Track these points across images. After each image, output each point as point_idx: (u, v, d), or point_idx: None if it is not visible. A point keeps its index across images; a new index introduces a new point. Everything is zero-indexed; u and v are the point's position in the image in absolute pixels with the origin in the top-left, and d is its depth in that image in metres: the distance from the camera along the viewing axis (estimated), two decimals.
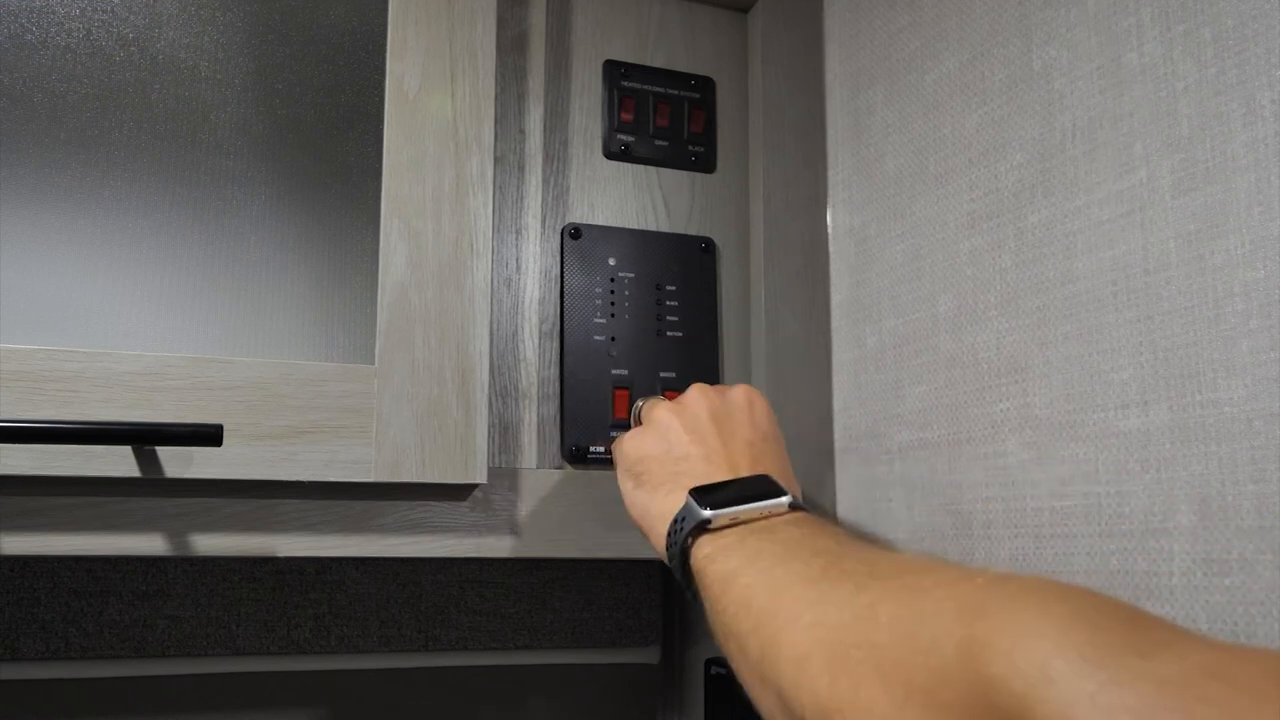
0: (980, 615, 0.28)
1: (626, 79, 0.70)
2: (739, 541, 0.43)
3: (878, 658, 0.31)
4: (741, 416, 0.53)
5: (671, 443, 0.51)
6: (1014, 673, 0.25)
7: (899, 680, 0.30)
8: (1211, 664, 0.23)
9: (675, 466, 0.50)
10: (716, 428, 0.51)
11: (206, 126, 0.57)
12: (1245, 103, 0.43)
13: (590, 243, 0.67)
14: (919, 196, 0.62)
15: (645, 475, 0.51)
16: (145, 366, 0.52)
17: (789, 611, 0.37)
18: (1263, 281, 0.41)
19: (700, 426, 0.52)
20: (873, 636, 0.32)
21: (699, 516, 0.45)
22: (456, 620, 0.82)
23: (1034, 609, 0.27)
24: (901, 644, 0.31)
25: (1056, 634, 0.25)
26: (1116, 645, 0.25)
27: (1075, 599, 0.27)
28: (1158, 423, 0.45)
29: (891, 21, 0.66)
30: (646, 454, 0.52)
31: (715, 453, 0.50)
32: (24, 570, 0.73)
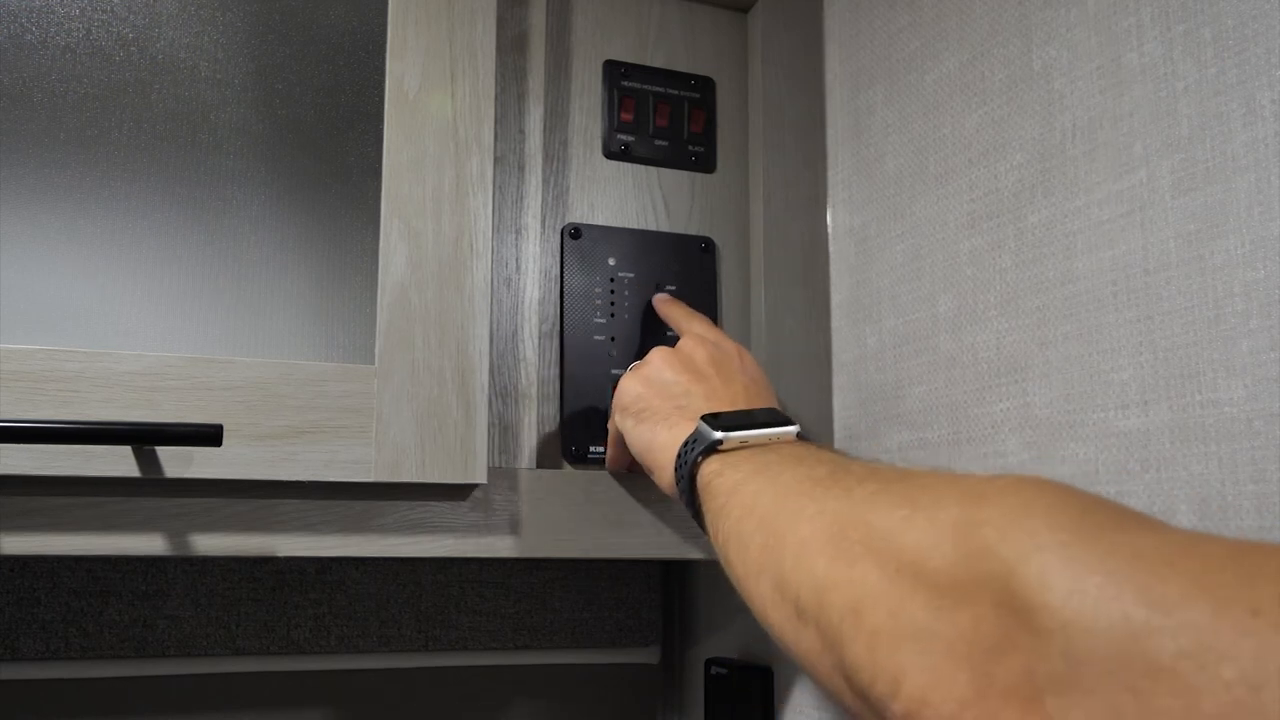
0: (979, 498, 0.30)
1: (626, 79, 0.70)
2: (748, 458, 0.45)
3: (874, 538, 0.32)
4: (733, 364, 0.55)
5: (670, 381, 0.53)
6: (1005, 543, 0.27)
7: (892, 556, 0.31)
8: (1183, 541, 0.25)
9: (677, 401, 0.52)
10: (715, 369, 0.54)
11: (206, 126, 0.57)
12: (1245, 103, 0.43)
13: (590, 243, 0.67)
14: (919, 196, 0.62)
15: (646, 411, 0.53)
16: (145, 366, 0.52)
17: (794, 505, 0.38)
18: (1263, 281, 0.41)
19: (698, 367, 0.54)
20: (871, 519, 0.33)
21: (710, 438, 0.46)
22: (456, 620, 0.82)
23: (1029, 492, 0.29)
24: (899, 525, 0.32)
25: (1047, 512, 0.27)
26: (1100, 524, 0.26)
27: (1066, 489, 0.29)
28: (1158, 423, 0.45)
29: (891, 21, 0.66)
30: (644, 393, 0.53)
31: (716, 390, 0.52)
32: (24, 570, 0.73)
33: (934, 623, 0.28)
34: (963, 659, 0.27)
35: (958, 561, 0.28)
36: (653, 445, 0.51)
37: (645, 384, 0.54)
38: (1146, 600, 0.23)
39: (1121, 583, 0.24)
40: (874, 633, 0.30)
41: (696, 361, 0.54)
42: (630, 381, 0.55)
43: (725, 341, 0.58)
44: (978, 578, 0.27)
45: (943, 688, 0.27)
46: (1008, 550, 0.27)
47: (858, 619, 0.31)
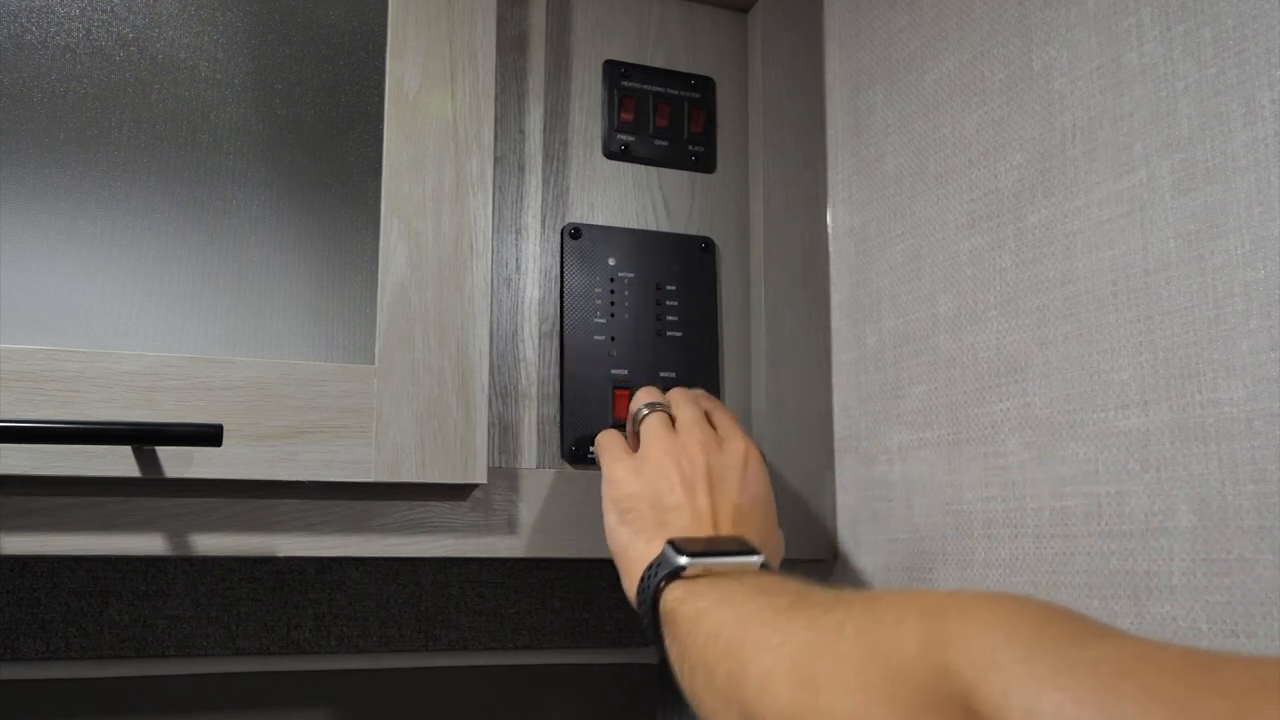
0: (940, 615, 0.30)
1: (626, 79, 0.70)
2: (710, 585, 0.45)
3: (841, 666, 0.33)
4: (734, 477, 0.54)
5: (663, 490, 0.53)
6: (967, 661, 0.27)
7: (859, 683, 0.32)
8: (1140, 652, 0.25)
9: (662, 515, 0.52)
10: (709, 485, 0.53)
11: (206, 126, 0.57)
12: (1245, 103, 0.43)
13: (590, 243, 0.67)
14: (919, 196, 0.62)
15: (631, 514, 0.53)
16: (145, 366, 0.52)
17: (758, 635, 0.39)
18: (1263, 281, 0.41)
19: (694, 479, 0.53)
20: (837, 648, 0.34)
21: (674, 563, 0.47)
22: (456, 620, 0.82)
23: (988, 609, 0.29)
24: (865, 651, 0.32)
25: (1007, 628, 0.28)
26: (1057, 637, 0.27)
27: (1025, 602, 0.30)
28: (1158, 423, 0.45)
29: (891, 21, 0.66)
30: (637, 494, 0.53)
31: (702, 510, 0.52)
32: (24, 570, 0.73)
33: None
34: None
35: (922, 685, 0.29)
36: (626, 553, 0.52)
37: (641, 483, 0.54)
38: (1102, 715, 0.23)
39: (1080, 699, 0.24)
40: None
41: (696, 471, 0.53)
42: (624, 477, 0.54)
43: (735, 444, 0.56)
44: (942, 699, 0.28)
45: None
46: (969, 670, 0.27)
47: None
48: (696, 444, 0.55)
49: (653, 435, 0.56)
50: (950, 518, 0.57)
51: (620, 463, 0.55)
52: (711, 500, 0.52)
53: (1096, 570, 0.48)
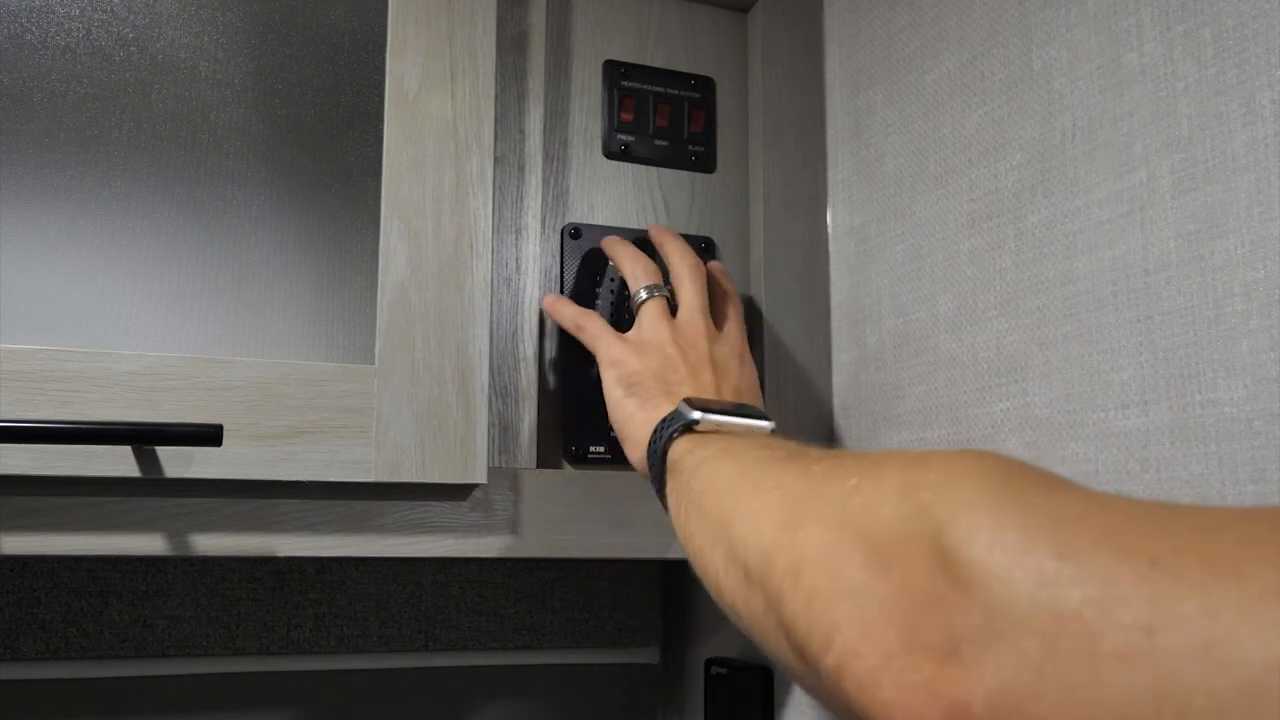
0: (920, 465, 0.32)
1: (626, 79, 0.70)
2: (718, 440, 0.46)
3: (822, 507, 0.34)
4: (734, 366, 0.56)
5: (666, 367, 0.54)
6: (938, 502, 0.29)
7: (836, 520, 0.33)
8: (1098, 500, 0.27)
9: (668, 387, 0.53)
10: (713, 369, 0.55)
11: (206, 126, 0.57)
12: (1245, 103, 0.43)
13: (590, 242, 0.67)
14: (919, 196, 0.62)
15: (638, 387, 0.53)
16: (145, 366, 0.52)
17: (753, 479, 0.40)
18: (1263, 281, 0.41)
19: (697, 362, 0.55)
20: (822, 491, 0.35)
21: (687, 416, 0.47)
22: (456, 620, 0.82)
23: (968, 459, 0.31)
24: (847, 492, 0.33)
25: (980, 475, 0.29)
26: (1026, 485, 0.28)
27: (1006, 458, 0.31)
28: (1158, 423, 0.45)
29: (891, 21, 0.66)
30: (640, 369, 0.54)
31: (707, 386, 0.53)
32: (24, 570, 0.73)
33: (869, 581, 0.30)
34: (893, 615, 0.28)
35: (895, 522, 0.30)
36: (634, 420, 0.52)
37: (644, 362, 0.54)
38: (1058, 553, 0.25)
39: (1037, 537, 0.25)
40: (812, 591, 0.32)
41: (700, 354, 0.55)
42: (628, 354, 0.55)
43: (732, 335, 0.58)
44: (912, 536, 0.29)
45: (872, 641, 0.29)
46: (940, 510, 0.29)
47: (797, 578, 0.33)
48: (697, 333, 0.56)
49: (653, 322, 0.57)
50: None
51: (617, 344, 0.56)
52: (715, 381, 0.54)
53: None
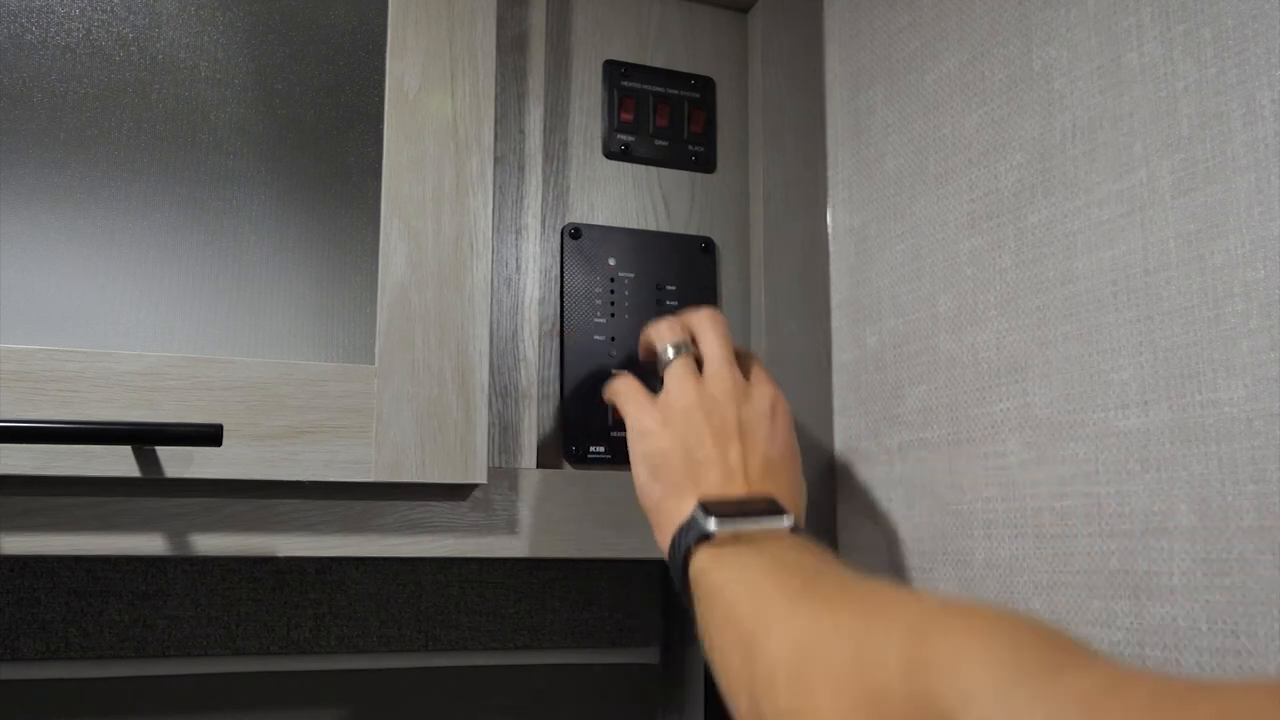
0: (923, 636, 0.31)
1: (626, 79, 0.70)
2: (734, 555, 0.46)
3: (832, 670, 0.35)
4: (763, 427, 0.53)
5: (693, 444, 0.52)
6: (945, 689, 0.29)
7: (847, 690, 0.33)
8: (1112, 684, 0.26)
9: (693, 470, 0.51)
10: (740, 439, 0.52)
11: (206, 126, 0.57)
12: (1245, 103, 0.43)
13: (590, 243, 0.67)
14: (919, 196, 0.62)
15: (663, 470, 0.52)
16: (145, 366, 0.52)
17: (766, 625, 0.40)
18: (1263, 281, 0.41)
19: (724, 431, 0.52)
20: (830, 651, 0.36)
21: (702, 528, 0.47)
22: (456, 620, 0.82)
23: (968, 633, 0.30)
24: (853, 658, 0.34)
25: (983, 655, 0.29)
26: (1033, 665, 0.28)
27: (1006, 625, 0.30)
28: (1158, 423, 0.45)
29: (891, 21, 0.66)
30: (666, 448, 0.52)
31: (733, 465, 0.51)
32: (24, 570, 0.73)
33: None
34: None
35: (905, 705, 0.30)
36: (660, 509, 0.51)
37: (670, 436, 0.52)
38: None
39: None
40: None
41: (727, 421, 0.52)
42: (656, 425, 0.53)
43: (762, 392, 0.54)
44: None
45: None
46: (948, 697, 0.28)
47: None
48: (725, 393, 0.53)
49: (679, 383, 0.54)
50: (950, 518, 0.57)
51: (646, 412, 0.54)
52: (742, 453, 0.51)
53: (1096, 570, 0.48)
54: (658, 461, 0.52)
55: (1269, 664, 0.40)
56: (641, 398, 0.55)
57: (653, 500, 0.52)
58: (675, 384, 0.54)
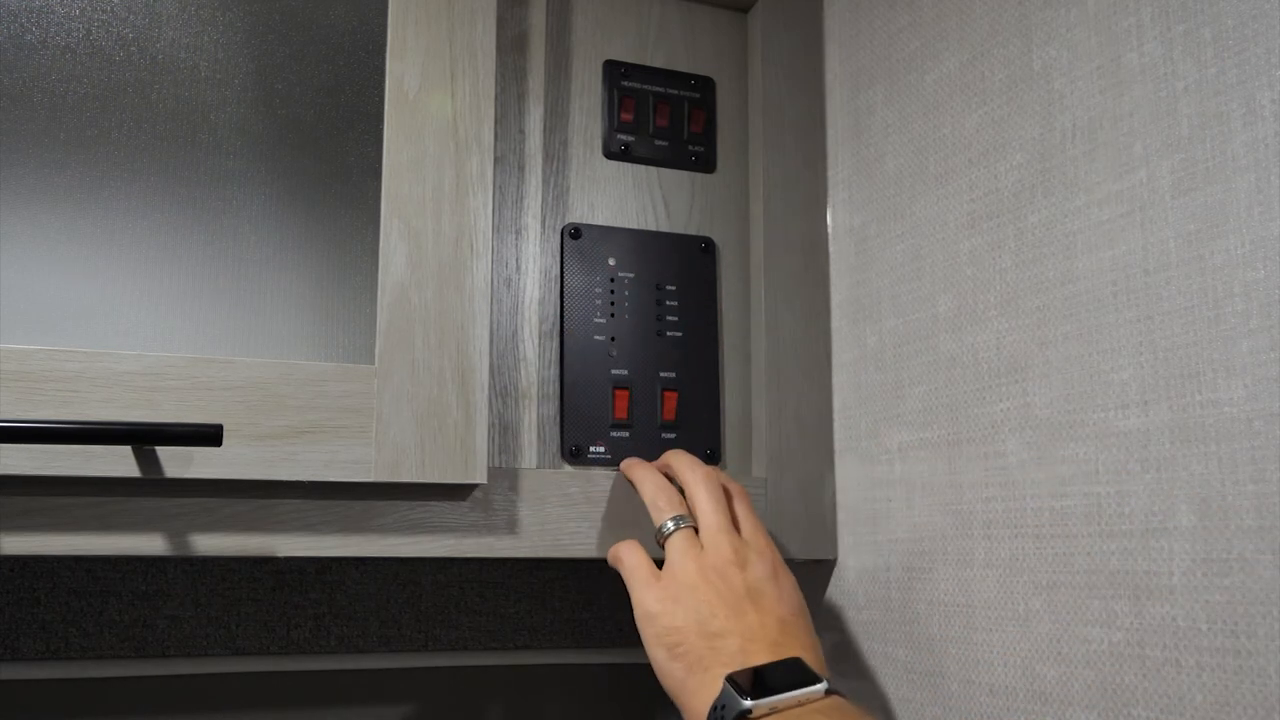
0: None
1: (626, 79, 0.70)
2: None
3: None
4: (770, 590, 0.53)
5: (705, 617, 0.52)
6: None
7: None
8: None
9: (711, 643, 0.51)
10: (752, 603, 0.52)
11: (206, 126, 0.57)
12: (1245, 103, 0.43)
13: (590, 243, 0.67)
14: (919, 196, 0.62)
15: (680, 648, 0.51)
16: (145, 366, 0.52)
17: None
18: (1263, 281, 0.41)
19: (735, 599, 0.52)
20: None
21: (739, 707, 0.46)
22: (456, 620, 0.82)
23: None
24: None
25: None
26: None
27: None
28: (1158, 423, 0.45)
29: (891, 21, 0.66)
30: (680, 625, 0.52)
31: (752, 629, 0.51)
32: (24, 570, 0.73)
33: None
34: None
35: None
36: (685, 689, 0.50)
37: (687, 613, 0.52)
38: None
39: None
40: None
41: (735, 589, 0.53)
42: (661, 609, 0.53)
43: (761, 554, 0.55)
44: None
45: None
46: None
47: None
48: (727, 561, 0.54)
49: (681, 556, 0.54)
50: (950, 518, 0.57)
51: (651, 590, 0.54)
52: (759, 618, 0.52)
53: (1096, 570, 0.48)
54: (674, 640, 0.52)
55: (1269, 664, 0.40)
56: (645, 574, 0.55)
57: (676, 681, 0.51)
58: (677, 556, 0.55)
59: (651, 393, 0.67)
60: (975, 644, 0.55)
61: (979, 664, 0.55)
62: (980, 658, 0.55)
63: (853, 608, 0.66)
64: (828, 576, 0.68)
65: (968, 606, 0.56)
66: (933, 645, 0.58)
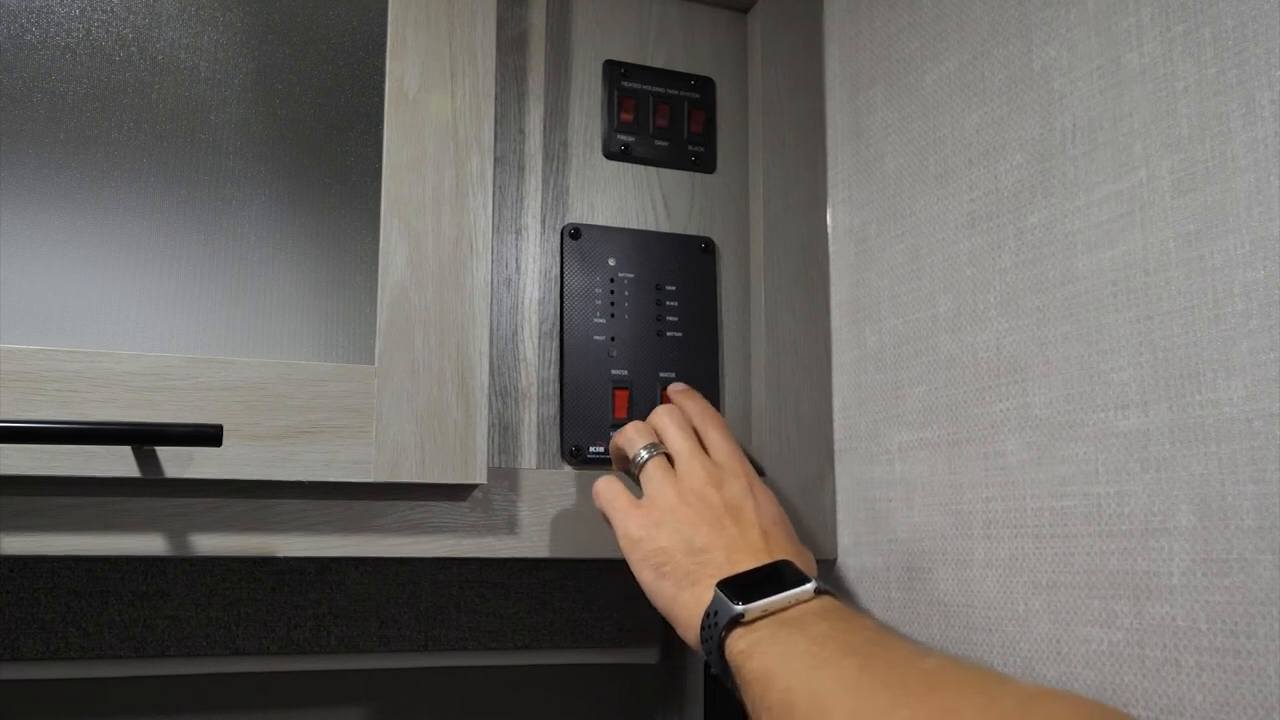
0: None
1: (626, 79, 0.70)
2: (771, 636, 0.46)
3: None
4: (748, 505, 0.55)
5: (688, 534, 0.53)
6: None
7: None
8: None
9: (698, 557, 0.52)
10: (732, 516, 0.53)
11: (206, 126, 0.57)
12: (1245, 103, 0.43)
13: (590, 243, 0.67)
14: (919, 196, 0.62)
15: (666, 567, 0.52)
16: (145, 367, 0.52)
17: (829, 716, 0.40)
18: (1262, 282, 0.41)
19: (715, 515, 0.53)
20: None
21: (731, 611, 0.47)
22: (456, 620, 0.82)
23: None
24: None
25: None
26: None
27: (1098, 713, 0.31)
28: (1157, 423, 0.45)
29: (891, 22, 0.66)
30: (665, 545, 0.53)
31: (734, 540, 0.52)
32: (24, 570, 0.73)
33: None
34: None
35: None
36: (676, 604, 0.51)
37: (670, 534, 0.53)
38: None
39: None
40: None
41: (713, 506, 0.54)
42: (643, 531, 0.54)
43: (734, 475, 0.56)
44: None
45: None
46: None
47: None
48: (702, 482, 0.55)
49: (658, 483, 0.56)
50: (950, 518, 0.57)
51: (632, 517, 0.55)
52: (740, 530, 0.53)
53: (1096, 570, 0.48)
54: (660, 560, 0.53)
55: (1268, 664, 0.40)
56: (624, 503, 0.56)
57: (667, 598, 0.52)
58: (654, 485, 0.56)
59: (651, 393, 0.66)
60: (975, 644, 0.55)
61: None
62: (980, 658, 0.55)
63: (852, 608, 0.66)
64: (827, 576, 0.68)
65: (967, 606, 0.56)
66: (932, 645, 0.58)
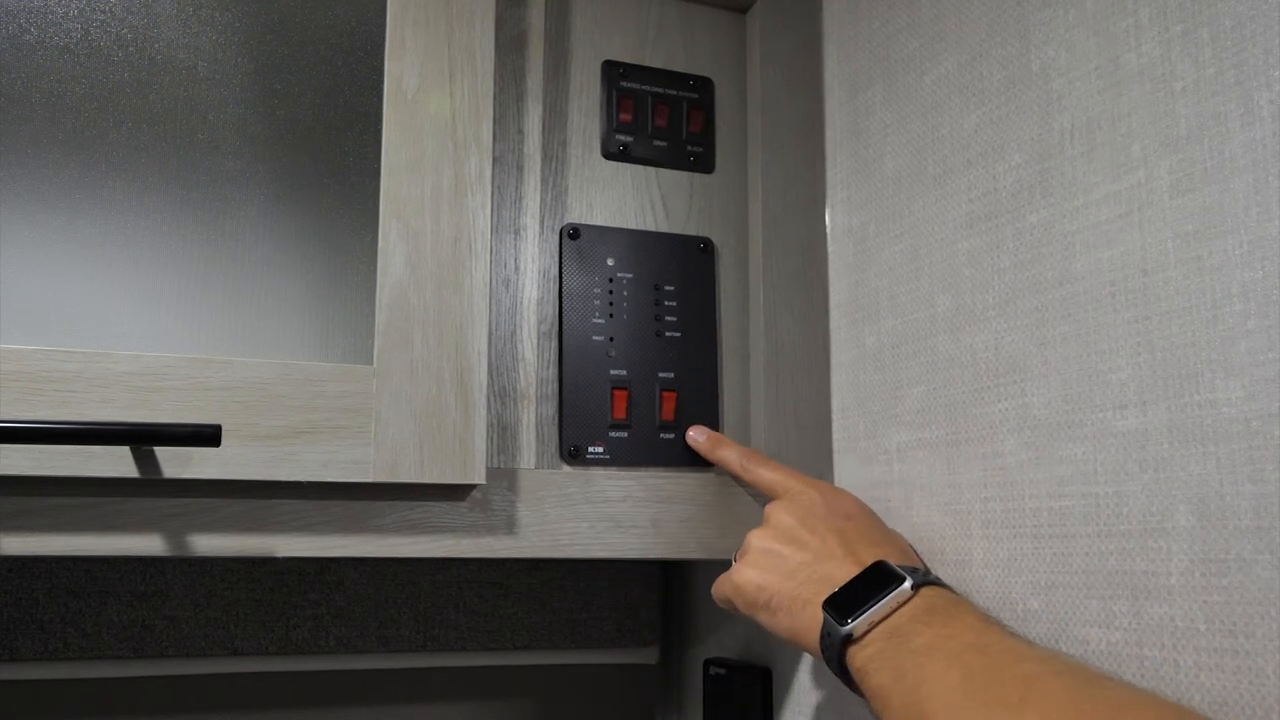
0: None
1: (625, 79, 0.70)
2: (880, 652, 0.48)
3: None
4: (820, 512, 0.57)
5: (779, 563, 0.55)
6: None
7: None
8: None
9: (795, 579, 0.54)
10: (808, 530, 0.56)
11: (205, 126, 0.57)
12: (1243, 103, 0.43)
13: (589, 243, 0.67)
14: (917, 197, 0.62)
15: (775, 600, 0.55)
16: (144, 367, 0.52)
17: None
18: (1261, 281, 0.41)
19: (795, 535, 0.56)
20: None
21: (840, 633, 0.49)
22: (456, 620, 0.82)
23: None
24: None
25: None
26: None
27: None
28: (1156, 423, 0.45)
29: (890, 22, 0.66)
30: (763, 582, 0.56)
31: (819, 553, 0.55)
32: (22, 571, 0.73)
33: None
34: None
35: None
36: (796, 632, 0.53)
37: (761, 570, 0.56)
38: None
39: None
40: None
41: (790, 530, 0.57)
42: (746, 574, 0.57)
43: (802, 489, 0.60)
44: None
45: None
46: None
47: None
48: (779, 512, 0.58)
49: (747, 539, 0.59)
50: (949, 518, 0.57)
51: (736, 574, 0.58)
52: (819, 540, 0.55)
53: (1095, 570, 0.48)
54: (764, 598, 0.55)
55: (1267, 664, 0.40)
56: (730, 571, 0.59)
57: (787, 629, 0.54)
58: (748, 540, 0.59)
59: (650, 393, 0.67)
60: None
61: None
62: None
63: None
64: None
65: None
66: None
